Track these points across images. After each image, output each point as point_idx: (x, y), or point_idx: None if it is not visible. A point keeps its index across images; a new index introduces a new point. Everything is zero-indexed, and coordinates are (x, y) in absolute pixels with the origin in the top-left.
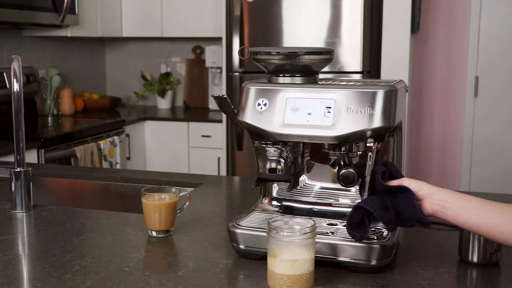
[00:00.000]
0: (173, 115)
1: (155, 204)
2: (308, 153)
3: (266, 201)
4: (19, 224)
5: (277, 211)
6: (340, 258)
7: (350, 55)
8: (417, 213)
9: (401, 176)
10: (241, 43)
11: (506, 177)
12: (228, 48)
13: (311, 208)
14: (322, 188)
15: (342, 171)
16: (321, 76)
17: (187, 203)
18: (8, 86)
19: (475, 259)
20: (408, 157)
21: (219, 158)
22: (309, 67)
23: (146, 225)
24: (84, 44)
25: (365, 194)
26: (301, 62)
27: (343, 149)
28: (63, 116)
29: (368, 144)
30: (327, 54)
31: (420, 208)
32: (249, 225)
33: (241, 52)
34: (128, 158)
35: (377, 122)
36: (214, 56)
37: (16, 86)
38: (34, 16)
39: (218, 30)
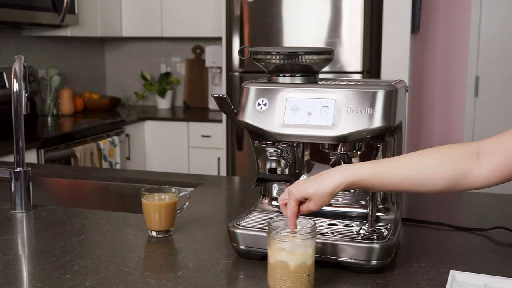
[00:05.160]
0: (173, 115)
1: (155, 204)
2: (308, 153)
3: (266, 201)
4: (19, 224)
5: (277, 211)
6: (340, 258)
7: (350, 55)
8: None
9: None
10: (241, 43)
11: None
12: (228, 48)
13: None
14: None
15: None
16: (321, 76)
17: (187, 203)
18: (8, 86)
19: None
20: None
21: (219, 158)
22: (309, 67)
23: (146, 225)
24: (84, 44)
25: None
26: (301, 62)
27: (343, 149)
28: (63, 116)
29: None
30: (327, 54)
31: None
32: (249, 225)
33: (241, 52)
34: (128, 158)
35: (377, 122)
36: (214, 56)
37: (16, 86)
38: (34, 16)
39: (218, 30)
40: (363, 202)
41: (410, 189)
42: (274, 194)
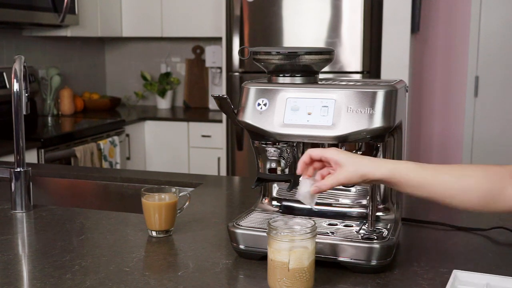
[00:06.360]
0: (173, 115)
1: (155, 204)
2: None
3: (266, 201)
4: (19, 224)
5: (277, 211)
6: (340, 258)
7: (350, 55)
8: None
9: None
10: (241, 43)
11: None
12: (228, 48)
13: (311, 208)
14: None
15: None
16: (321, 76)
17: (187, 203)
18: (8, 86)
19: None
20: (408, 157)
21: (219, 158)
22: (309, 67)
23: (146, 225)
24: (84, 44)
25: None
26: (301, 62)
27: (343, 149)
28: (63, 116)
29: None
30: (327, 54)
31: None
32: (249, 225)
33: (241, 52)
34: (128, 158)
35: (377, 122)
36: (214, 56)
37: (16, 86)
38: (34, 16)
39: (218, 30)
40: (363, 202)
41: (446, 196)
42: (274, 194)
